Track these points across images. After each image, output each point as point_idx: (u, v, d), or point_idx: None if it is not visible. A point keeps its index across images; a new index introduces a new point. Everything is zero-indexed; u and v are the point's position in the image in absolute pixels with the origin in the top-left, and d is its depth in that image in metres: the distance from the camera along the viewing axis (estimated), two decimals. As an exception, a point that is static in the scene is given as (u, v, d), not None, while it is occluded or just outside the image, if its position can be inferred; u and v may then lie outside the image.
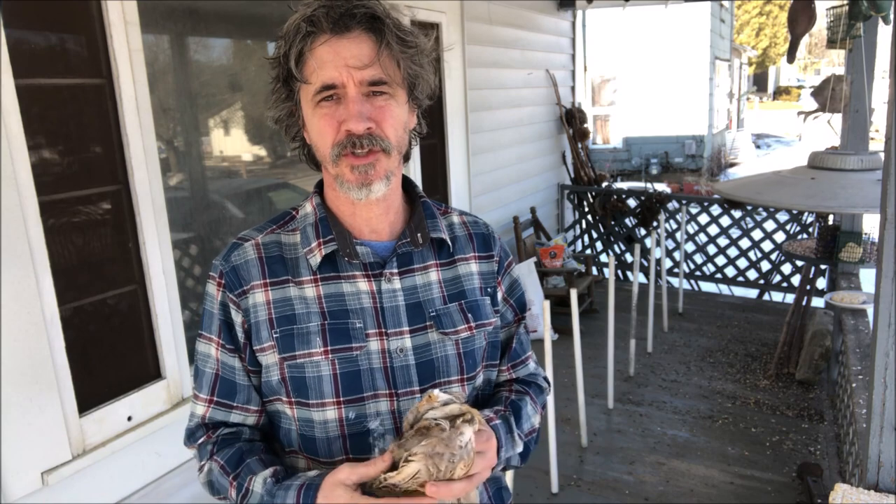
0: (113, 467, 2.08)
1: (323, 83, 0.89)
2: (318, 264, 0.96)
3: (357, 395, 0.94)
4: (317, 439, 0.96)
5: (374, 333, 0.95)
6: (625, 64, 15.05)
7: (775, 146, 21.19)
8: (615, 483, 2.98)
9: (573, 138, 6.18)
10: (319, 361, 0.93)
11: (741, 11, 25.90)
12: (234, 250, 0.99)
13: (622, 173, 15.07)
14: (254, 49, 3.04)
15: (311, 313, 0.95)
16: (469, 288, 1.03)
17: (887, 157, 1.55)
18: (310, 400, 0.94)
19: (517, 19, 5.21)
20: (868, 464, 1.65)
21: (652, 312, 4.46)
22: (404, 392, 0.96)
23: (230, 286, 0.97)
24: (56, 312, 1.89)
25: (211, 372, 1.00)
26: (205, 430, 1.01)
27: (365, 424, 0.95)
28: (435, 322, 0.98)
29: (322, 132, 0.91)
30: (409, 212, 1.04)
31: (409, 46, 0.92)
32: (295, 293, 0.96)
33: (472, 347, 1.01)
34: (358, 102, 0.89)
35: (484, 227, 1.12)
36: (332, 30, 0.89)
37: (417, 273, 1.00)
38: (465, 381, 1.01)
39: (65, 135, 1.99)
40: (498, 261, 1.09)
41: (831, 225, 3.98)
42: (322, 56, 0.89)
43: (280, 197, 3.20)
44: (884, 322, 1.57)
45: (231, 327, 0.97)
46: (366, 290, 0.96)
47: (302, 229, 0.99)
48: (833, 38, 3.00)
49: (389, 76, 0.91)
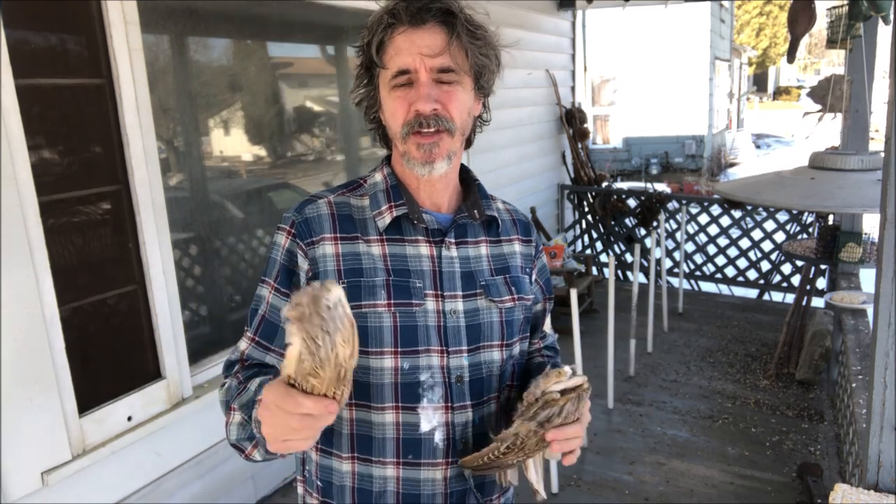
0: (113, 467, 2.08)
1: (399, 68, 0.99)
2: (386, 226, 1.05)
3: (412, 347, 1.02)
4: (371, 385, 1.02)
5: (432, 294, 1.04)
6: (625, 64, 15.05)
7: (775, 146, 21.19)
8: (615, 483, 2.98)
9: (573, 138, 6.17)
10: (382, 313, 1.01)
11: (741, 11, 25.90)
12: (308, 204, 1.07)
13: (622, 173, 15.07)
14: (254, 49, 3.04)
15: (377, 269, 1.03)
16: (513, 265, 1.14)
17: (887, 157, 1.55)
18: (370, 348, 1.00)
19: (517, 19, 5.21)
20: (868, 464, 1.65)
21: (652, 312, 4.46)
22: (454, 350, 1.04)
23: (301, 235, 1.04)
24: (56, 312, 1.89)
25: (261, 312, 1.06)
26: (241, 365, 1.07)
27: (417, 376, 1.02)
28: (484, 290, 1.08)
29: (395, 112, 1.01)
30: (464, 193, 1.15)
31: (478, 38, 1.03)
32: (363, 249, 1.04)
33: (512, 317, 1.11)
34: (427, 86, 0.99)
35: (524, 216, 1.24)
36: (409, 22, 0.99)
37: (470, 245, 1.10)
38: (504, 347, 1.10)
39: (65, 135, 2.00)
40: (535, 246, 1.21)
41: (831, 225, 3.98)
42: (399, 44, 0.99)
43: (280, 197, 3.20)
44: (884, 322, 1.57)
45: (292, 274, 1.04)
46: (426, 255, 1.06)
47: (372, 195, 1.08)
48: (833, 38, 3.00)
49: (458, 64, 1.01)
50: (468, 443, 1.06)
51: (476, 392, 1.06)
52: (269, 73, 3.11)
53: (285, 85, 3.23)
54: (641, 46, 14.63)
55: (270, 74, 3.12)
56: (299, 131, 3.35)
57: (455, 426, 1.05)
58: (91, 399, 2.04)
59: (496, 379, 1.09)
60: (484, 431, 1.07)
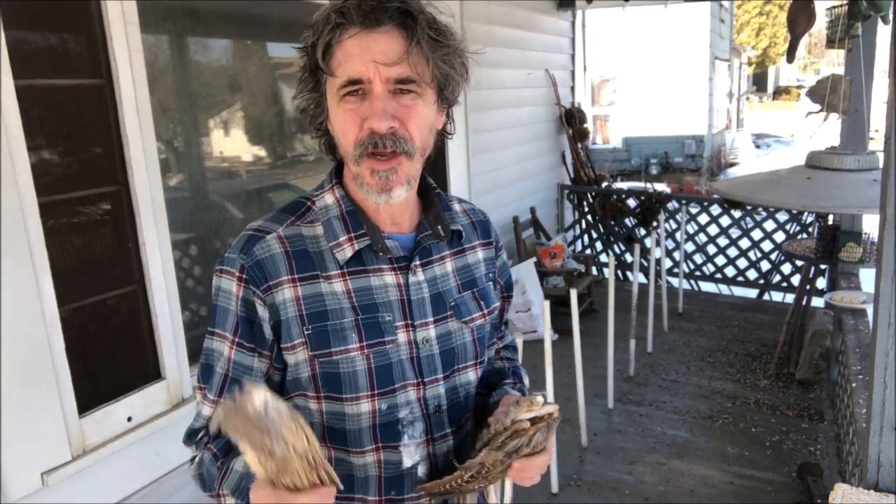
0: (113, 468, 2.08)
1: (349, 77, 0.87)
2: (347, 259, 0.94)
3: (389, 386, 0.95)
4: (347, 431, 0.96)
5: (402, 325, 0.97)
6: (625, 64, 15.04)
7: (775, 146, 21.19)
8: (615, 483, 2.98)
9: (573, 138, 6.17)
10: (355, 357, 0.93)
11: (741, 11, 25.91)
12: (256, 243, 0.94)
13: (622, 173, 15.06)
14: (254, 49, 3.04)
15: (343, 308, 0.93)
16: (478, 276, 1.07)
17: (887, 157, 1.55)
18: (343, 394, 0.94)
19: (517, 19, 5.21)
20: (868, 463, 1.65)
21: (652, 312, 4.46)
22: (430, 380, 0.99)
23: (254, 280, 0.92)
24: (56, 313, 1.89)
25: (221, 372, 0.96)
26: (207, 433, 0.99)
27: (395, 414, 0.96)
28: (455, 311, 1.01)
29: (345, 128, 0.90)
30: (423, 203, 1.04)
31: (442, 45, 0.90)
32: (325, 288, 0.94)
33: (483, 333, 1.06)
34: (383, 100, 0.87)
35: (482, 214, 1.16)
36: (362, 23, 0.86)
37: (436, 264, 1.02)
38: (478, 365, 1.06)
39: (65, 135, 1.99)
40: (495, 246, 1.14)
41: (831, 225, 3.98)
42: (349, 49, 0.87)
43: (280, 197, 3.20)
44: (884, 322, 1.57)
45: (253, 324, 0.94)
46: (392, 283, 0.97)
47: (325, 221, 0.96)
48: (832, 37, 3.00)
49: (418, 74, 0.88)
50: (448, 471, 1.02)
51: (455, 418, 1.03)
52: (269, 73, 3.12)
53: (285, 85, 3.23)
54: (641, 46, 14.63)
55: (270, 74, 3.12)
56: (299, 131, 3.35)
57: (437, 457, 1.01)
58: (91, 399, 2.04)
59: (472, 399, 1.07)
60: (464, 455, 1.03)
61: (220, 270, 0.95)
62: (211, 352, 0.97)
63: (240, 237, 0.96)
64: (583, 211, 6.33)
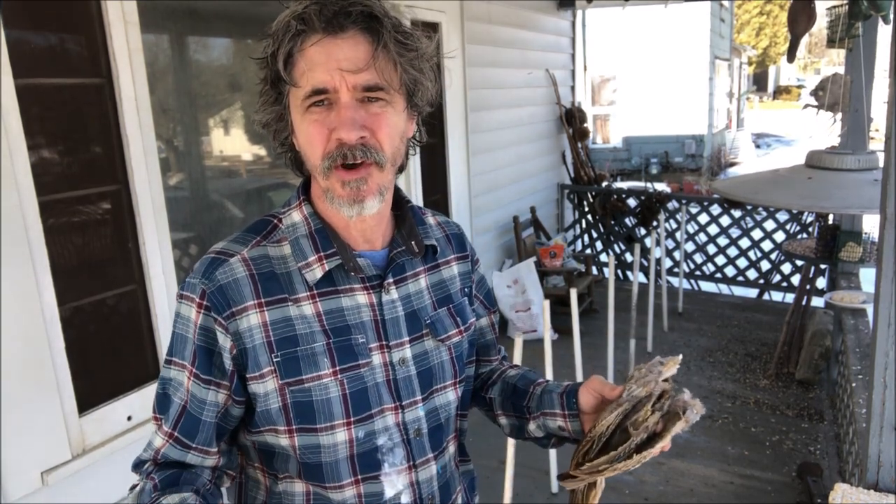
0: (112, 467, 2.08)
1: (313, 87, 0.83)
2: (317, 280, 0.90)
3: (366, 412, 0.91)
4: (323, 464, 0.91)
5: (376, 347, 0.92)
6: (625, 64, 15.04)
7: (775, 146, 21.18)
8: (615, 483, 2.98)
9: (573, 138, 6.17)
10: (328, 383, 0.88)
11: (741, 11, 25.90)
12: (219, 267, 0.89)
13: (622, 173, 15.06)
14: (254, 49, 3.03)
15: (314, 333, 0.89)
16: (453, 291, 1.03)
17: (887, 156, 1.55)
18: (317, 424, 0.89)
19: (517, 19, 5.21)
20: (868, 463, 1.65)
21: (652, 312, 4.46)
22: (408, 403, 0.94)
23: (216, 307, 0.87)
24: (56, 312, 1.89)
25: (179, 403, 0.90)
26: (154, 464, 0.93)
27: (374, 441, 0.92)
28: (431, 329, 0.97)
29: (311, 140, 0.85)
30: (396, 219, 1.00)
31: (409, 49, 0.86)
32: (294, 312, 0.89)
33: (461, 351, 1.02)
34: (351, 109, 0.83)
35: (456, 227, 1.11)
36: (324, 29, 0.82)
37: (410, 280, 0.98)
38: (457, 385, 1.02)
39: (65, 135, 1.99)
40: (471, 260, 1.09)
41: (831, 224, 3.98)
42: (313, 58, 0.83)
43: (280, 197, 3.20)
44: (884, 322, 1.57)
45: (212, 354, 0.88)
46: (365, 303, 0.92)
47: (293, 241, 0.92)
48: (833, 37, 3.00)
49: (386, 81, 0.84)
50: (434, 499, 0.98)
51: (436, 441, 0.98)
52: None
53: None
54: (641, 46, 14.62)
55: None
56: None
57: (421, 485, 0.96)
58: (91, 399, 2.04)
59: (453, 420, 1.02)
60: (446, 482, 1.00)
61: (181, 296, 0.90)
62: (169, 381, 0.92)
63: (202, 261, 0.91)
64: (583, 210, 6.33)
